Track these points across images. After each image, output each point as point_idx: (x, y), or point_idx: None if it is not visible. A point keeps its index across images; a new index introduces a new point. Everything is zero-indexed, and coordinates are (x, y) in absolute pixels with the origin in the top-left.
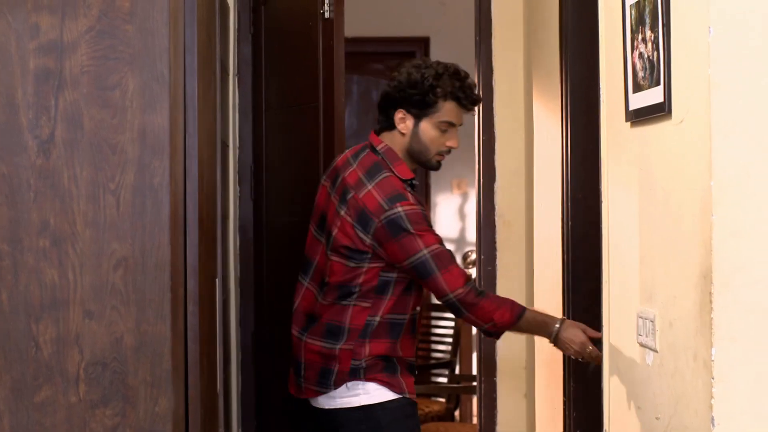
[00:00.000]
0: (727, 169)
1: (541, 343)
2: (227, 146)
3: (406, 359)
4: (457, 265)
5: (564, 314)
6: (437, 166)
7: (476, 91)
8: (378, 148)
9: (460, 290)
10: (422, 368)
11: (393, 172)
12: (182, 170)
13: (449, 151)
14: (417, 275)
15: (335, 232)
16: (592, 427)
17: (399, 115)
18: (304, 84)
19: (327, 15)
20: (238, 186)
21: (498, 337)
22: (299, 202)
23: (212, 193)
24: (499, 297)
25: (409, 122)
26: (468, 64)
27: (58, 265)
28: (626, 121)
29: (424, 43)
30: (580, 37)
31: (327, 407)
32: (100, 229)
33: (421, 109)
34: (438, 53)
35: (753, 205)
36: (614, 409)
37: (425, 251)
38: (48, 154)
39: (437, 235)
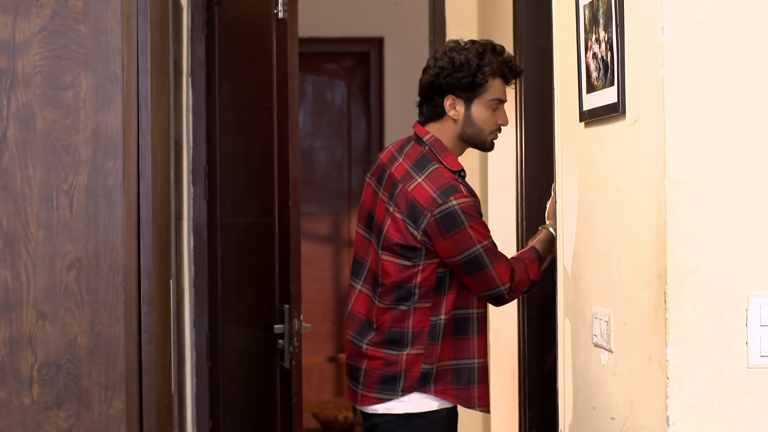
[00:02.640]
0: (681, 169)
1: (497, 344)
2: (181, 147)
3: (484, 362)
4: (504, 257)
5: (519, 315)
6: (492, 147)
7: (516, 63)
8: (425, 139)
9: (508, 284)
10: None
11: (442, 164)
12: (136, 171)
13: (500, 129)
14: (466, 270)
15: (386, 230)
16: (548, 428)
17: (448, 101)
18: (258, 84)
19: (281, 15)
20: (191, 186)
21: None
22: (253, 203)
23: (166, 193)
24: (515, 259)
25: (460, 107)
26: (422, 64)
27: (11, 266)
28: (580, 121)
29: (378, 43)
30: (534, 38)
31: (371, 412)
32: (54, 230)
33: (470, 91)
34: (392, 53)
35: (707, 205)
36: (569, 409)
37: (478, 246)
38: (0, 154)
39: (487, 227)
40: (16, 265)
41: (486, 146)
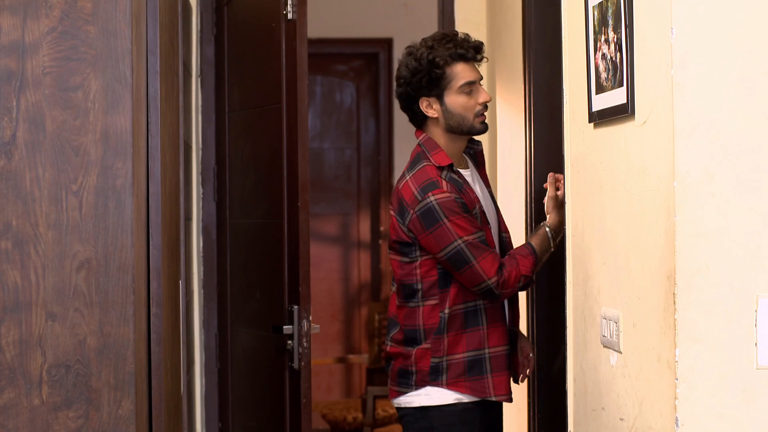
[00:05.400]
0: (690, 169)
1: None
2: (190, 147)
3: (498, 351)
4: (490, 251)
5: (528, 315)
6: (484, 128)
7: (473, 39)
8: (419, 140)
9: (495, 278)
10: (384, 370)
11: (430, 161)
12: (145, 172)
13: (485, 107)
14: (452, 266)
15: (389, 228)
16: (557, 429)
17: (423, 104)
18: (268, 85)
19: (290, 16)
20: (201, 187)
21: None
22: (262, 204)
23: (175, 194)
24: (511, 258)
25: (435, 105)
26: None
27: (21, 267)
28: (589, 122)
29: (387, 44)
30: (543, 39)
31: (396, 405)
32: (63, 231)
33: (436, 87)
34: (401, 54)
35: (716, 205)
36: (579, 410)
37: (459, 241)
38: (10, 155)
39: (473, 221)
40: (26, 266)
41: (477, 130)
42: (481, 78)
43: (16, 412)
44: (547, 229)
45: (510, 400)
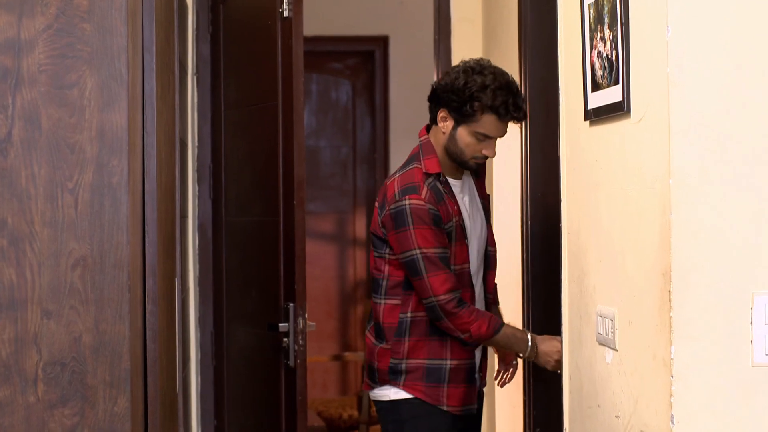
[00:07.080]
0: (686, 167)
1: None
2: (186, 145)
3: (460, 363)
4: (446, 272)
5: (524, 313)
6: (474, 167)
7: (523, 107)
8: (420, 140)
9: (443, 297)
10: None
11: (420, 165)
12: (141, 169)
13: (486, 157)
14: (408, 271)
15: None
16: (552, 426)
17: (441, 113)
18: (264, 83)
19: (286, 14)
20: (196, 185)
21: (474, 347)
22: (258, 202)
23: (171, 192)
24: (479, 311)
25: (449, 123)
26: (427, 62)
27: (16, 264)
28: (585, 120)
29: (383, 41)
30: (538, 36)
31: (372, 398)
32: (59, 229)
33: (460, 115)
34: (397, 52)
35: (712, 203)
36: (574, 408)
37: (417, 251)
38: (5, 153)
39: (440, 235)
40: (21, 264)
41: (467, 167)
42: (502, 136)
43: (11, 410)
44: (530, 343)
45: (460, 413)
